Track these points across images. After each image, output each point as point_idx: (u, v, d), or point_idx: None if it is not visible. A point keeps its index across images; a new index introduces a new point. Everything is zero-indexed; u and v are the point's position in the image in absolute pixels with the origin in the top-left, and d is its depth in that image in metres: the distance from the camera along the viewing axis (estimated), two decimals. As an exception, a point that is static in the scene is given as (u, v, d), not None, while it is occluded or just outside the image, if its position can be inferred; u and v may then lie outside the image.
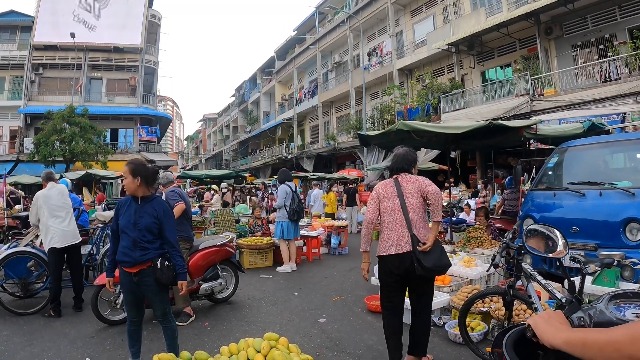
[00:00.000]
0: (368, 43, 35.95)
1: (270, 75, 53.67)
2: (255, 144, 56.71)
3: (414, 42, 30.65)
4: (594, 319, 1.59)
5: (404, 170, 5.07)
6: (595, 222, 6.34)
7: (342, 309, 7.20)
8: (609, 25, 19.45)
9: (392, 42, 32.00)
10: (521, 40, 23.17)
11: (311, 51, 43.07)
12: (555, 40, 21.48)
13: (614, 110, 16.41)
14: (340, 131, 37.54)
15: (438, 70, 28.78)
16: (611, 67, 17.93)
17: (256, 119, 57.82)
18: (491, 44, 24.41)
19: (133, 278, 4.38)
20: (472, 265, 7.42)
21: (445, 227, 11.06)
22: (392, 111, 29.26)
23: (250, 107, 60.27)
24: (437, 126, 10.42)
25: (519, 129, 9.00)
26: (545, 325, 1.42)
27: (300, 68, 46.58)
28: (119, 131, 41.84)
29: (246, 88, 62.72)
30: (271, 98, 54.23)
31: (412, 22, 31.55)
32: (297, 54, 46.20)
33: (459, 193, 19.66)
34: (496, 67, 25.24)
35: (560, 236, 2.90)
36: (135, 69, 42.88)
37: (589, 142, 7.86)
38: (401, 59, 31.16)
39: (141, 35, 42.25)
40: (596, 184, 6.56)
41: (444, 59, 27.73)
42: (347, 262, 11.75)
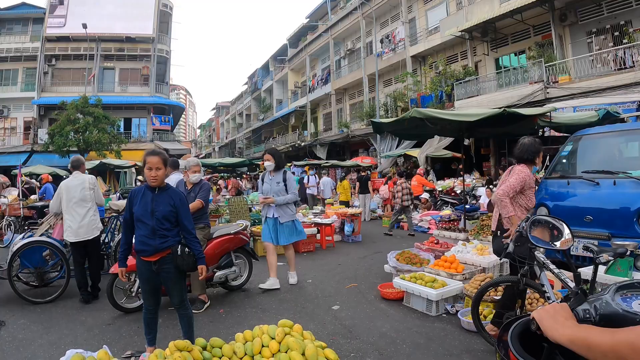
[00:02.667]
0: (381, 30, 35.76)
1: (283, 63, 53.52)
2: (269, 131, 56.68)
3: (427, 29, 30.42)
4: (600, 310, 1.55)
5: (524, 160, 5.39)
6: (609, 211, 6.33)
7: (356, 297, 7.25)
8: (625, 12, 19.20)
9: (405, 29, 31.79)
10: (535, 27, 22.94)
11: (323, 38, 42.83)
12: (569, 26, 21.27)
13: (629, 98, 16.23)
14: (353, 118, 37.47)
15: (451, 57, 28.60)
16: (626, 55, 17.71)
17: (269, 106, 57.71)
18: (505, 30, 24.22)
19: (152, 267, 4.44)
20: (485, 254, 7.46)
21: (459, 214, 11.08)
22: (405, 98, 29.17)
23: (263, 95, 60.15)
24: (451, 113, 10.40)
25: (534, 116, 8.98)
26: (549, 320, 1.44)
27: (313, 55, 46.42)
28: (132, 120, 42.03)
29: (259, 76, 62.57)
30: (284, 86, 54.13)
31: (425, 9, 31.29)
32: (310, 42, 46.03)
33: (473, 181, 19.60)
34: (510, 54, 25.04)
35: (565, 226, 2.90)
36: (147, 59, 42.98)
37: (603, 130, 7.79)
38: (414, 45, 30.96)
39: (153, 25, 42.32)
40: (610, 173, 6.53)
41: (458, 45, 27.56)
42: (360, 250, 11.81)
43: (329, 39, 41.56)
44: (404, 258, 7.77)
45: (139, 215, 4.40)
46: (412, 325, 5.83)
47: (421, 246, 8.87)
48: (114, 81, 42.55)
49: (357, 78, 36.92)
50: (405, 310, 6.51)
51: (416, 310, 6.42)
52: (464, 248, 7.87)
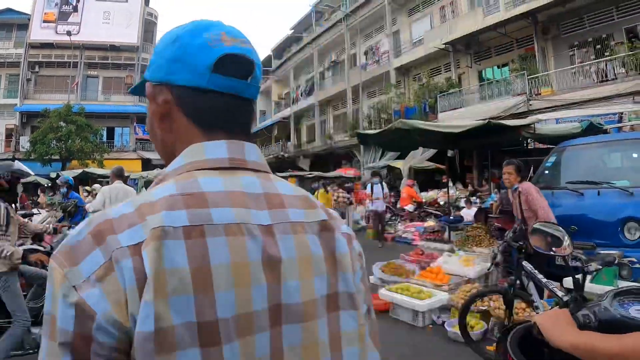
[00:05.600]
0: (365, 42, 35.97)
1: (267, 74, 53.47)
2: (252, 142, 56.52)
3: (411, 41, 30.66)
4: (599, 316, 1.58)
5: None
6: (593, 221, 6.42)
7: (342, 308, 7.17)
8: (606, 25, 19.52)
9: (389, 41, 31.98)
10: (518, 40, 23.20)
11: (308, 50, 42.92)
12: (552, 40, 21.54)
13: (610, 110, 16.47)
14: (337, 130, 37.50)
15: (435, 70, 28.77)
16: (608, 67, 17.98)
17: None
18: (488, 43, 24.47)
19: None
20: (470, 264, 7.44)
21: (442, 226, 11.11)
22: (389, 110, 29.26)
23: (246, 106, 60.07)
24: (436, 125, 10.46)
25: (518, 128, 9.03)
26: (552, 325, 1.46)
27: (297, 67, 46.42)
28: (115, 129, 41.79)
29: (243, 86, 62.52)
30: (268, 97, 54.04)
31: (409, 21, 31.56)
32: (294, 53, 46.08)
33: (456, 192, 19.65)
34: (493, 67, 25.31)
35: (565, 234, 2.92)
36: (131, 67, 42.77)
37: (587, 141, 7.94)
38: (398, 58, 31.13)
39: (138, 34, 42.18)
40: (594, 184, 6.62)
41: (441, 58, 27.69)
42: (344, 261, 11.73)
43: (314, 50, 41.63)
44: (390, 269, 7.76)
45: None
46: (399, 337, 5.83)
47: (407, 257, 8.85)
48: (98, 90, 42.32)
49: (341, 90, 36.98)
50: (392, 321, 6.50)
51: (403, 321, 6.42)
52: (450, 259, 7.86)
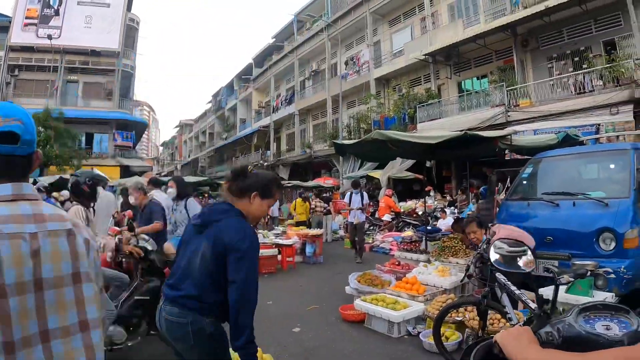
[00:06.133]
0: (346, 52, 36.08)
1: (248, 82, 53.50)
2: (232, 151, 56.40)
3: (392, 52, 30.84)
4: (563, 333, 1.59)
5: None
6: (569, 232, 6.47)
7: (317, 318, 7.21)
8: (585, 38, 19.77)
9: (370, 52, 32.08)
10: (497, 52, 23.41)
11: (289, 59, 43.01)
12: (531, 52, 21.78)
13: (588, 121, 16.66)
14: (316, 139, 37.52)
15: (415, 80, 28.90)
16: (586, 79, 18.20)
17: (232, 125, 57.55)
18: (468, 55, 24.67)
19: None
20: (446, 275, 7.46)
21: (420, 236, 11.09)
22: (368, 120, 29.33)
23: (226, 114, 60.00)
24: (413, 136, 10.46)
25: (495, 139, 9.06)
26: (512, 344, 1.43)
27: (278, 75, 46.54)
28: (95, 135, 41.10)
29: (223, 95, 62.44)
30: (248, 105, 54.05)
31: (390, 32, 31.76)
32: (275, 62, 46.16)
33: (435, 202, 19.73)
34: (472, 78, 25.48)
35: (528, 249, 2.91)
36: (111, 73, 42.23)
37: (563, 153, 8.04)
38: (378, 68, 31.26)
39: (119, 39, 41.77)
40: (570, 195, 6.68)
41: (421, 69, 27.82)
42: (322, 271, 11.81)
43: (295, 59, 41.73)
44: (365, 280, 7.74)
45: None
46: (374, 347, 5.81)
47: (382, 268, 8.84)
48: (77, 95, 41.72)
49: (321, 99, 37.02)
50: (367, 332, 6.49)
51: (378, 332, 6.40)
52: (426, 269, 7.85)
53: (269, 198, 3.12)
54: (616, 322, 1.61)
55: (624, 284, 5.83)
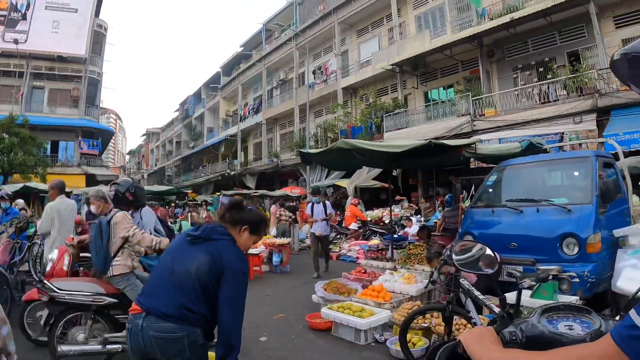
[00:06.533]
0: (314, 61, 36.16)
1: (215, 90, 53.31)
2: (199, 160, 56.11)
3: (359, 62, 30.99)
4: (526, 332, 1.62)
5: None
6: (533, 238, 6.58)
7: (284, 327, 7.18)
8: (549, 49, 20.21)
9: (338, 61, 32.21)
10: (464, 62, 23.71)
11: (257, 68, 43.02)
12: (496, 62, 22.12)
13: (552, 130, 17.01)
14: (283, 149, 37.48)
15: (382, 90, 29.10)
16: (550, 89, 18.61)
17: (200, 134, 57.31)
18: (434, 65, 24.90)
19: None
20: (412, 282, 7.46)
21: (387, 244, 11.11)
22: (335, 129, 29.38)
23: (194, 123, 59.75)
24: (378, 145, 10.43)
25: (459, 147, 9.10)
26: (475, 343, 1.44)
27: (246, 84, 46.48)
28: (60, 143, 40.41)
29: (190, 103, 62.14)
30: (215, 114, 53.85)
31: (357, 42, 31.94)
32: (243, 70, 46.17)
33: (401, 211, 19.81)
34: (439, 88, 25.73)
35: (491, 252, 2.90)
36: (78, 80, 41.52)
37: (526, 160, 8.18)
38: (346, 77, 31.40)
39: (86, 45, 41.17)
40: (533, 201, 6.80)
41: (388, 78, 28.01)
42: (289, 280, 11.74)
43: (262, 68, 41.76)
44: (332, 288, 7.71)
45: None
46: (341, 355, 5.81)
47: (349, 276, 8.82)
48: (43, 101, 40.80)
49: (288, 108, 37.05)
50: (334, 340, 6.48)
51: (345, 339, 6.39)
52: (392, 277, 7.85)
53: (256, 235, 3.28)
54: (579, 322, 1.65)
55: (588, 287, 5.97)
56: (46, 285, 5.07)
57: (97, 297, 5.16)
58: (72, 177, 32.96)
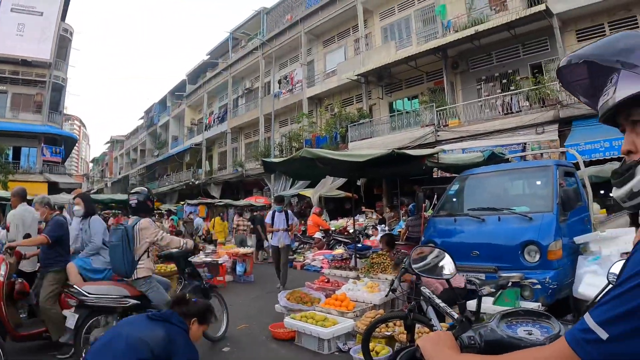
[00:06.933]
0: (280, 71, 36.20)
1: (181, 98, 53.02)
2: (163, 168, 55.69)
3: (325, 72, 31.12)
4: (485, 337, 1.63)
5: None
6: (495, 246, 6.71)
7: (247, 338, 7.13)
8: (513, 62, 20.59)
9: (304, 71, 32.32)
10: (428, 73, 23.97)
11: (223, 76, 42.95)
12: (461, 74, 22.41)
13: (515, 140, 17.34)
14: (248, 158, 37.41)
15: (347, 100, 29.24)
16: (513, 100, 18.98)
17: (164, 143, 56.87)
18: (400, 76, 25.08)
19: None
20: (375, 291, 7.47)
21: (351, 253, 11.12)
22: (300, 139, 29.40)
23: (158, 131, 59.25)
24: (341, 154, 10.43)
25: (421, 157, 9.15)
26: (432, 348, 1.45)
27: (211, 93, 46.37)
28: (22, 149, 39.58)
29: (156, 111, 61.65)
30: (180, 122, 53.49)
31: (324, 52, 32.08)
32: (209, 79, 46.03)
33: (366, 220, 19.88)
34: (404, 99, 25.96)
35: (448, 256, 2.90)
36: (42, 85, 40.59)
37: (488, 170, 8.33)
38: (311, 87, 31.50)
39: (51, 50, 40.40)
40: (495, 210, 6.89)
41: (354, 89, 28.16)
42: (252, 290, 11.73)
43: (228, 77, 41.68)
44: (295, 297, 7.72)
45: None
46: (304, 365, 5.74)
47: (312, 285, 8.80)
48: (5, 106, 39.91)
49: (253, 117, 37.05)
50: (298, 349, 6.47)
51: (308, 349, 6.39)
52: (355, 286, 7.84)
53: (205, 324, 3.51)
54: (538, 327, 1.68)
55: (550, 293, 6.11)
56: (75, 289, 5.44)
57: (122, 300, 5.55)
58: (34, 184, 32.36)
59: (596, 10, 17.86)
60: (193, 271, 6.84)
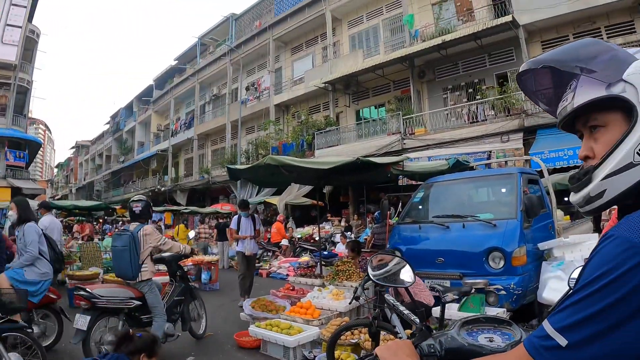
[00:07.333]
0: (247, 77, 36.12)
1: (147, 104, 52.54)
2: (129, 175, 55.10)
3: (292, 79, 31.13)
4: (445, 345, 1.59)
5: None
6: (459, 253, 6.77)
7: (212, 347, 7.07)
8: (478, 71, 20.93)
9: (271, 78, 32.27)
10: (395, 82, 24.16)
11: (190, 82, 42.67)
12: (427, 83, 22.64)
13: (480, 148, 17.59)
14: (214, 165, 37.23)
15: (314, 108, 29.37)
16: (479, 109, 19.24)
17: (130, 148, 56.27)
18: (367, 84, 25.24)
19: None
20: (340, 298, 7.44)
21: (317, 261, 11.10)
22: (267, 146, 29.34)
23: (124, 136, 58.59)
24: (306, 161, 10.41)
25: (386, 165, 9.17)
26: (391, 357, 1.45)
27: (178, 98, 46.03)
28: (-16, 153, 38.96)
29: (122, 116, 60.96)
30: (147, 128, 52.99)
31: (291, 59, 32.10)
32: (176, 84, 45.66)
33: (332, 228, 19.90)
34: (370, 107, 26.13)
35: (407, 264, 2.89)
36: (7, 87, 39.72)
37: (453, 177, 8.44)
38: (279, 94, 31.48)
39: (17, 51, 39.58)
40: (459, 217, 6.96)
41: (321, 96, 28.24)
42: (217, 298, 11.56)
43: (196, 83, 41.49)
44: (260, 305, 7.64)
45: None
46: (270, 374, 5.71)
47: (277, 293, 8.73)
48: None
49: (220, 124, 36.92)
50: (263, 358, 6.46)
51: (274, 357, 6.37)
52: (320, 293, 7.81)
53: (154, 357, 3.40)
54: (499, 334, 1.65)
55: (514, 299, 6.18)
56: (87, 292, 5.65)
57: (128, 301, 5.89)
58: (-4, 190, 31.77)
59: (561, 22, 18.27)
60: (183, 274, 7.30)
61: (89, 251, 12.98)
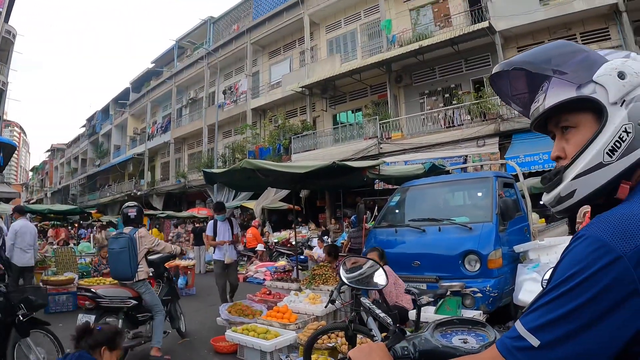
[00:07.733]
0: (224, 81, 35.97)
1: (124, 107, 52.10)
2: (104, 178, 54.55)
3: (270, 83, 31.12)
4: (419, 347, 1.60)
5: None
6: (435, 256, 6.82)
7: (189, 352, 7.07)
8: (455, 77, 21.13)
9: (248, 82, 32.24)
10: (372, 87, 24.24)
11: (167, 85, 42.43)
12: (404, 87, 22.76)
13: (457, 153, 17.74)
14: (191, 169, 37.05)
15: (291, 112, 29.33)
16: (455, 114, 19.40)
17: (106, 152, 55.72)
18: (344, 88, 25.30)
19: None
20: (317, 302, 7.43)
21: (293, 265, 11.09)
22: (244, 150, 29.26)
23: (100, 140, 58.03)
24: (282, 165, 10.41)
25: (362, 169, 9.19)
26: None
27: (155, 102, 45.70)
28: (-41, 157, 38.19)
29: (98, 119, 60.34)
30: (123, 131, 52.51)
31: (269, 63, 32.07)
32: (153, 87, 45.37)
33: (308, 232, 19.89)
34: (347, 111, 26.17)
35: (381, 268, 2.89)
36: (-19, 88, 39.50)
37: (429, 181, 8.51)
38: (256, 98, 31.47)
39: (-8, 51, 39.08)
40: (435, 220, 7.00)
41: (298, 100, 28.26)
42: (194, 303, 11.51)
43: (173, 86, 41.24)
44: (236, 310, 7.62)
45: None
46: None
47: (254, 297, 8.71)
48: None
49: (197, 128, 36.76)
50: (240, 363, 6.37)
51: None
52: (297, 298, 7.80)
53: (116, 349, 3.42)
54: (473, 336, 1.67)
55: (491, 301, 6.26)
56: (92, 292, 5.96)
57: (127, 301, 6.27)
58: (-31, 194, 31.28)
59: (537, 29, 18.51)
60: (168, 275, 7.97)
61: (64, 256, 12.82)
